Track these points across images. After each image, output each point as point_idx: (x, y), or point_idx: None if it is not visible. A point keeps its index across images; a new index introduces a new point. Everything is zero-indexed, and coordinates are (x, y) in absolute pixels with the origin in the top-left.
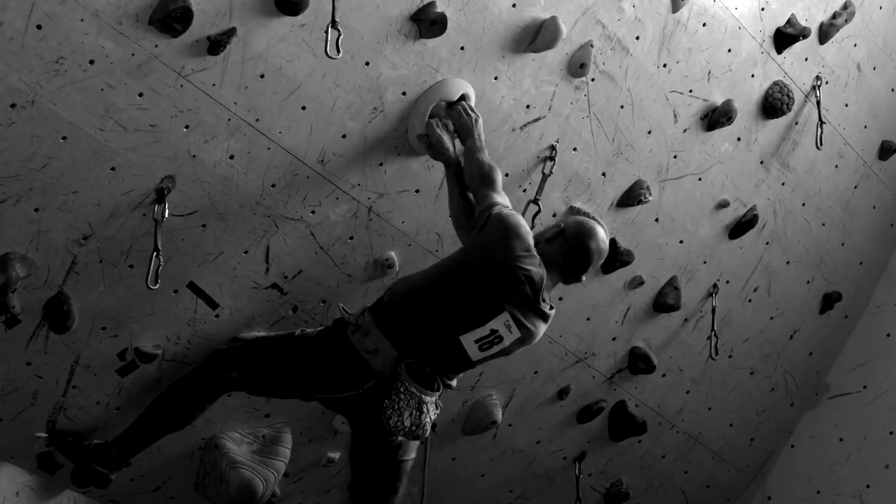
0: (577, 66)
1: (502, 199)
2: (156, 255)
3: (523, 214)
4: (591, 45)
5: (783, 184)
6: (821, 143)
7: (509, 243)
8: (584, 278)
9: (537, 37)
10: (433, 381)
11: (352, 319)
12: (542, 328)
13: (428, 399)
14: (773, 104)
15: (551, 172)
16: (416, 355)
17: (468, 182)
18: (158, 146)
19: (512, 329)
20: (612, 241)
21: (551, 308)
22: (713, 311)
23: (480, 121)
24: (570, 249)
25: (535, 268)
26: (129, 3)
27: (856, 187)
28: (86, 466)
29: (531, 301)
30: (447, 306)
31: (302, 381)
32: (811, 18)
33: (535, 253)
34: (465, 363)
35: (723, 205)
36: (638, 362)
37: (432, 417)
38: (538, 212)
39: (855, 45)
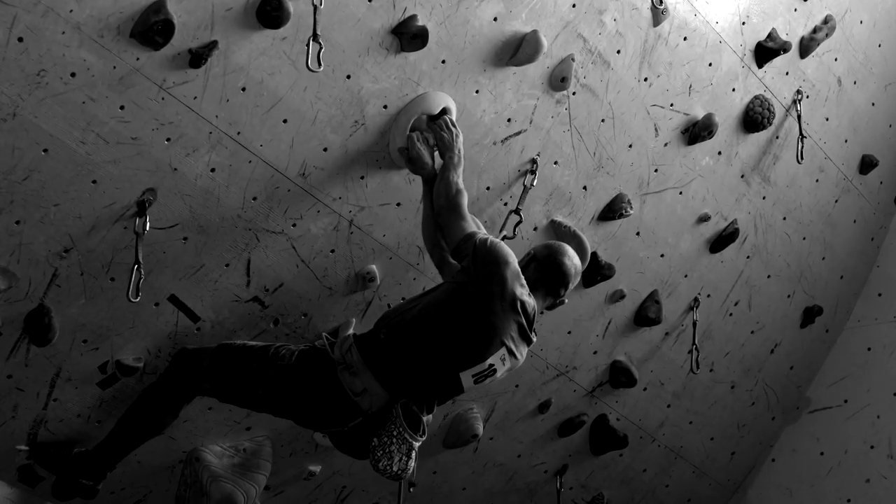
0: (559, 80)
1: (474, 227)
2: (137, 268)
3: (504, 224)
4: (573, 59)
5: (764, 198)
6: (801, 158)
7: (503, 275)
8: (566, 299)
9: (518, 50)
10: (420, 423)
11: (338, 356)
12: (526, 352)
13: (416, 444)
14: (753, 118)
15: (532, 185)
16: (407, 394)
17: (434, 198)
18: (140, 159)
19: (506, 361)
20: (594, 255)
21: (535, 333)
22: (694, 324)
23: (460, 137)
24: (544, 270)
25: (528, 298)
26: (110, 16)
27: (836, 201)
28: (69, 479)
29: (526, 332)
30: (446, 345)
31: (278, 409)
32: (792, 33)
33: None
34: (456, 394)
35: (704, 219)
36: (619, 376)
37: (415, 462)
38: (519, 221)
39: (836, 60)
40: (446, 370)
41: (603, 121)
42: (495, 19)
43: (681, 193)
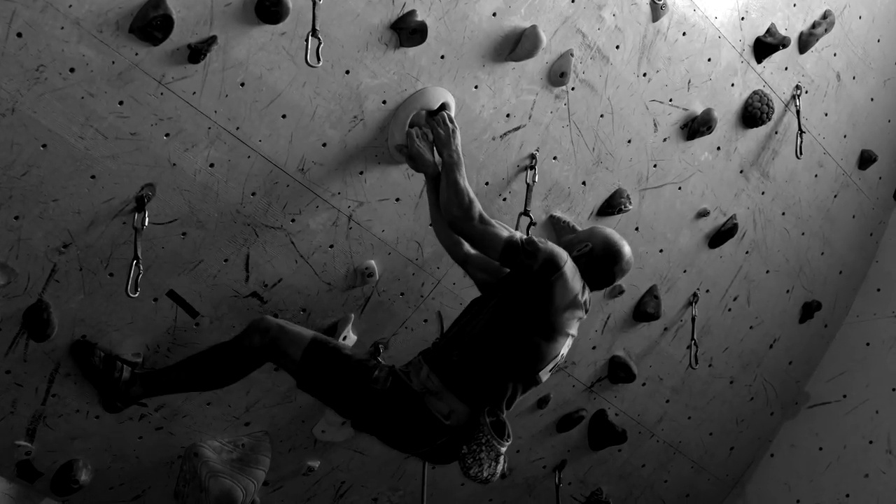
0: (558, 75)
1: (505, 230)
2: (136, 264)
3: (516, 227)
4: (572, 54)
5: (763, 193)
6: (800, 153)
7: (564, 275)
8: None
9: (517, 46)
10: (505, 428)
11: (418, 385)
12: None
13: (503, 449)
14: (752, 113)
15: (535, 181)
16: (490, 403)
17: (444, 205)
18: (139, 154)
19: (569, 345)
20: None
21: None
22: (693, 320)
23: (458, 132)
24: (599, 266)
25: (587, 294)
26: (109, 12)
27: (835, 196)
28: (107, 388)
29: (577, 317)
30: (521, 354)
31: (367, 426)
32: (791, 28)
33: (574, 267)
34: (532, 387)
35: (703, 214)
36: (618, 371)
37: (505, 464)
38: (532, 223)
39: (835, 55)
40: (525, 375)
41: (602, 116)
42: (494, 14)
43: (680, 189)
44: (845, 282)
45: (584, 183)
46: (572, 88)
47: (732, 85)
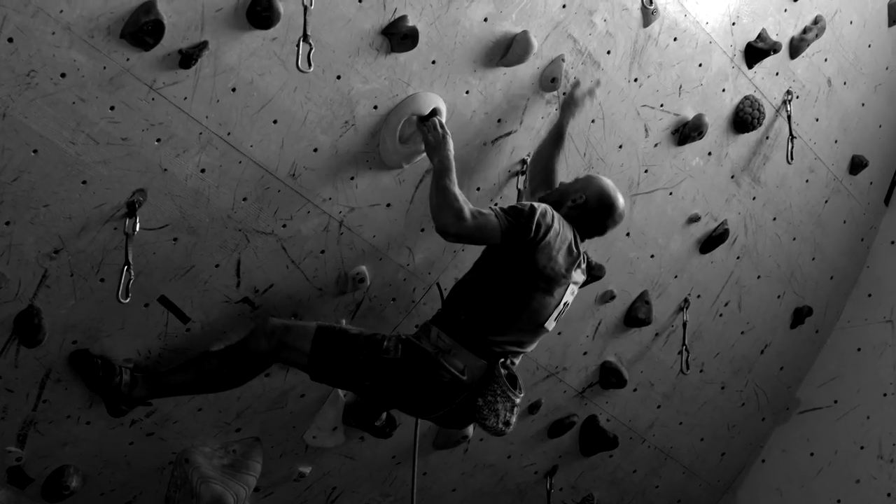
0: (549, 81)
1: (489, 209)
2: (127, 269)
3: None
4: (563, 60)
5: (754, 198)
6: (791, 158)
7: (549, 223)
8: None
9: (509, 51)
10: (517, 380)
11: (430, 346)
12: (581, 276)
13: (517, 400)
14: (743, 119)
15: (526, 186)
16: (503, 356)
17: (431, 207)
18: (130, 160)
19: (574, 292)
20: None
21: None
22: (684, 325)
23: (450, 138)
24: (591, 218)
25: (571, 234)
26: (100, 17)
27: (826, 202)
28: (109, 395)
29: (574, 263)
30: (525, 307)
31: (385, 399)
32: (782, 33)
33: (560, 217)
34: (540, 335)
35: (694, 219)
36: (609, 377)
37: (516, 418)
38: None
39: (825, 60)
40: (532, 325)
41: (593, 121)
42: (485, 20)
43: (671, 194)
44: (836, 287)
45: None
46: (563, 94)
47: (723, 90)
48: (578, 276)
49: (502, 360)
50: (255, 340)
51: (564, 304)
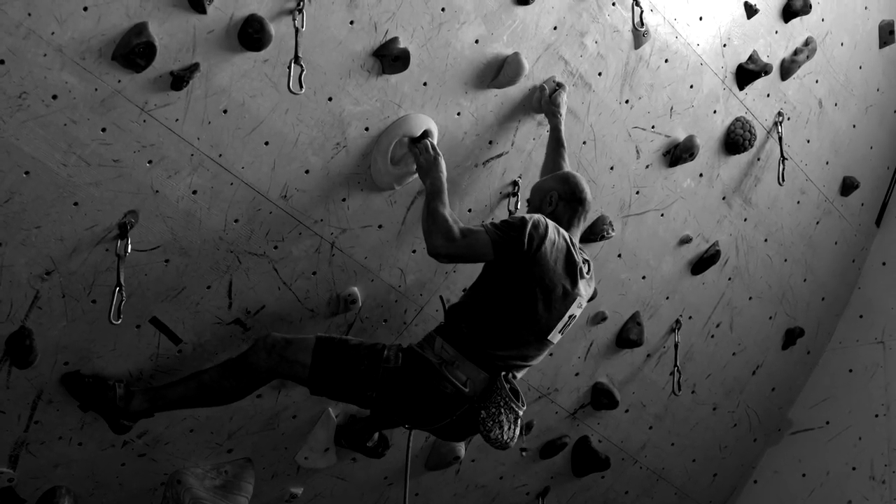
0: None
1: (479, 226)
2: (118, 291)
3: None
4: (554, 81)
5: (745, 220)
6: (783, 180)
7: (543, 234)
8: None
9: (500, 73)
10: (519, 393)
11: (434, 357)
12: (588, 289)
13: (521, 412)
14: (735, 140)
15: (517, 208)
16: (506, 369)
17: (423, 230)
18: (121, 181)
19: (581, 305)
20: None
21: (586, 262)
22: (676, 346)
23: (441, 159)
24: (568, 202)
25: (567, 240)
26: (92, 39)
27: (818, 223)
28: (113, 406)
29: (577, 273)
30: (533, 319)
31: (388, 411)
32: (773, 55)
33: (555, 227)
34: (545, 348)
35: (685, 240)
36: (601, 398)
37: (521, 431)
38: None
39: (816, 82)
40: (536, 338)
41: (584, 143)
42: (477, 42)
43: (662, 215)
44: (828, 308)
45: None
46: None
47: (715, 112)
48: (584, 287)
49: (504, 373)
50: (256, 355)
51: (570, 316)
